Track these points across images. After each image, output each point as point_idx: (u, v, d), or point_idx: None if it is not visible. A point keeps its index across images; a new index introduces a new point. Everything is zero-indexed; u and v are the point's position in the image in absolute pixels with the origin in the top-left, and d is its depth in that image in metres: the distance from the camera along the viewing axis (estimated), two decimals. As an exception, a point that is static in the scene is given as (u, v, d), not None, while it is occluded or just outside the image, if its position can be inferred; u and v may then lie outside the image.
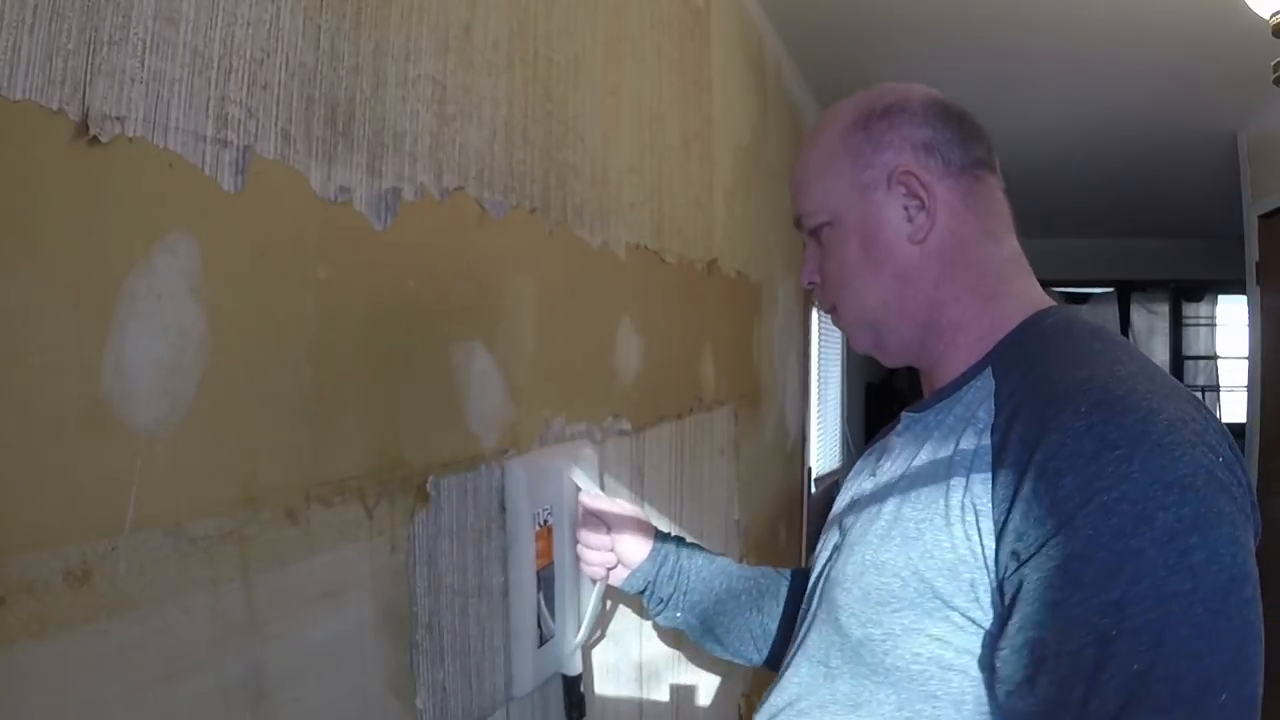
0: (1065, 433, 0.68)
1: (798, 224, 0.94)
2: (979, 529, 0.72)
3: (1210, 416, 0.73)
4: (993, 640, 0.71)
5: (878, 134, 0.87)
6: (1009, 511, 0.69)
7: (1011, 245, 0.89)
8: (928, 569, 0.74)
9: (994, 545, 0.71)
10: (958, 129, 0.87)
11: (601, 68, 1.32)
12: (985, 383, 0.79)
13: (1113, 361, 0.74)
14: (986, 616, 0.72)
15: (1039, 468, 0.68)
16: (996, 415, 0.75)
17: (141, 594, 0.57)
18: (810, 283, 0.95)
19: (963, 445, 0.76)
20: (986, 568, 0.71)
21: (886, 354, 0.92)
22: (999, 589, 0.71)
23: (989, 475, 0.72)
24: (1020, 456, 0.70)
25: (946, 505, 0.74)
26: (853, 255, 0.88)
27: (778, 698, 0.87)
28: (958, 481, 0.74)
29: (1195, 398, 0.75)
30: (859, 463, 0.98)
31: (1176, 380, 0.77)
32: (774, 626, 1.12)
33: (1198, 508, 0.65)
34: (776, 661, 1.06)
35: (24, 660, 0.50)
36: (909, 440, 0.84)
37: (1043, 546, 0.67)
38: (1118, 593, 0.64)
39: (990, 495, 0.71)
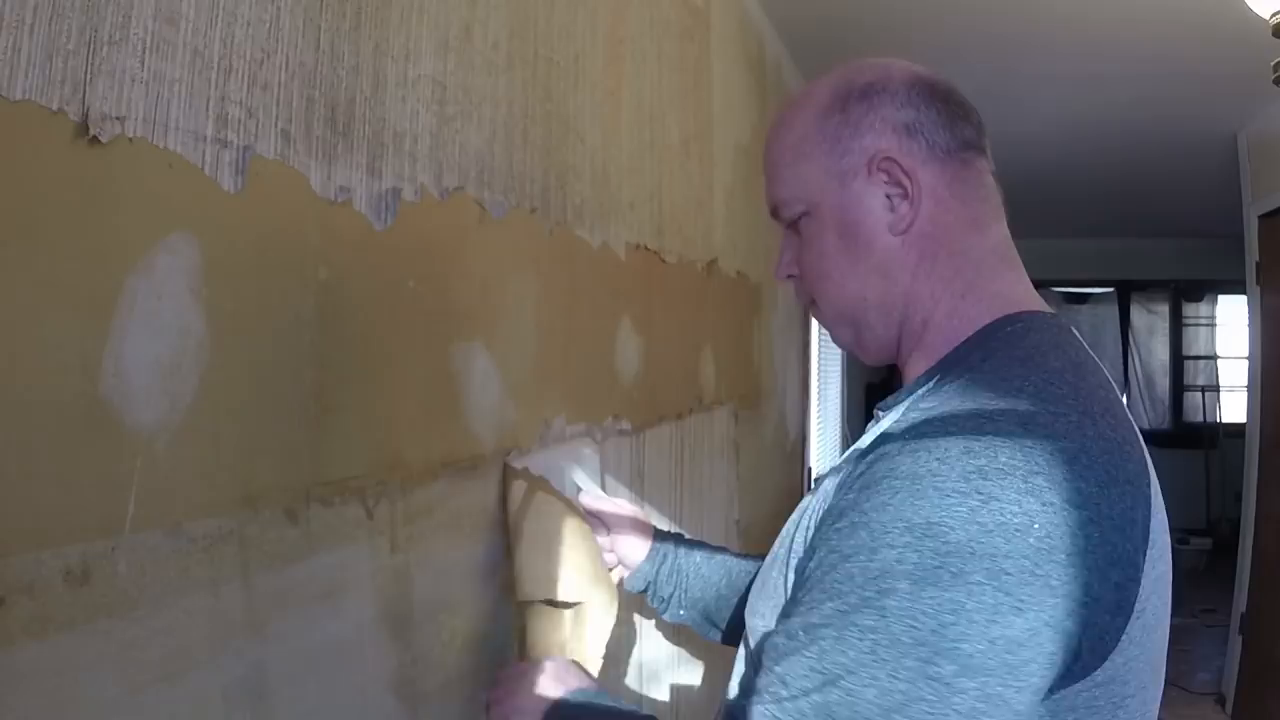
0: (881, 455, 0.67)
1: (774, 214, 0.88)
2: (809, 535, 0.72)
3: (1125, 497, 0.65)
4: None
5: (856, 116, 0.80)
6: (822, 522, 0.70)
7: (998, 233, 0.82)
8: (789, 569, 0.74)
9: (805, 553, 0.71)
10: (944, 108, 0.80)
11: (601, 68, 1.32)
12: (924, 391, 0.75)
13: (1015, 390, 0.68)
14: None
15: (848, 486, 0.68)
16: (889, 428, 0.72)
17: (141, 594, 0.57)
18: (788, 275, 0.88)
19: (859, 450, 0.74)
20: (795, 572, 0.73)
21: (865, 352, 0.86)
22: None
23: (838, 482, 0.72)
24: (853, 472, 0.69)
25: (813, 508, 0.74)
26: (830, 246, 0.82)
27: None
28: (829, 484, 0.74)
29: (1116, 456, 0.67)
30: None
31: (1105, 425, 0.68)
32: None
33: (927, 560, 0.60)
34: (732, 638, 1.07)
35: (24, 660, 0.50)
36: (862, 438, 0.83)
37: (813, 555, 0.69)
38: (814, 601, 0.65)
39: (825, 504, 0.72)
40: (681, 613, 1.14)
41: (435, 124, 0.90)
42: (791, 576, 0.73)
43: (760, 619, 0.77)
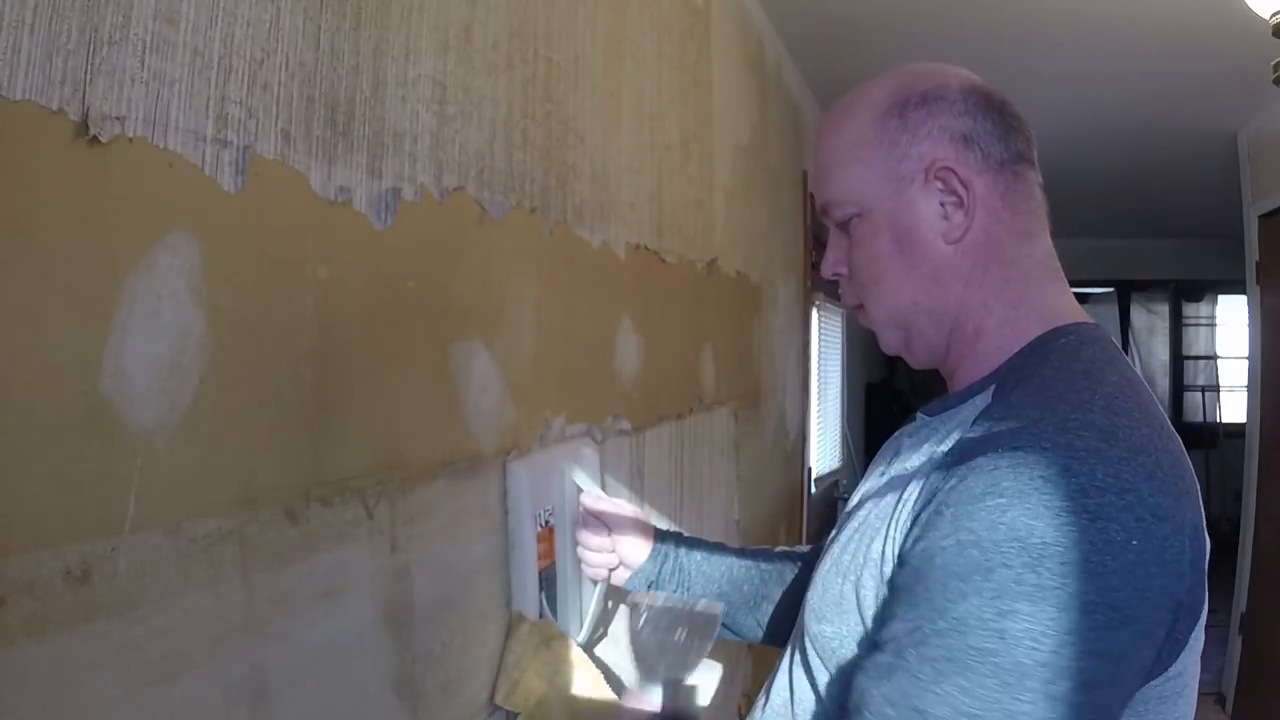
0: (973, 469, 0.67)
1: (824, 212, 0.88)
2: (896, 546, 0.72)
3: (1191, 506, 0.68)
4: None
5: (915, 123, 0.81)
6: (909, 534, 0.70)
7: (1044, 244, 0.84)
8: (865, 576, 0.74)
9: (894, 564, 0.71)
10: (999, 120, 0.81)
11: (601, 68, 1.32)
12: (984, 399, 0.77)
13: (1086, 404, 0.69)
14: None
15: (940, 499, 0.68)
16: (964, 437, 0.73)
17: (141, 594, 0.57)
18: (835, 274, 0.89)
19: (931, 459, 0.75)
20: (884, 583, 0.72)
21: (914, 356, 0.87)
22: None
23: (919, 494, 0.72)
24: (939, 484, 0.69)
25: (894, 517, 0.74)
26: (884, 251, 0.83)
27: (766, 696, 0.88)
28: (909, 493, 0.74)
29: (1179, 468, 0.70)
30: (876, 458, 0.97)
31: (1166, 437, 0.71)
32: (772, 609, 1.13)
33: (1046, 581, 0.61)
34: (775, 638, 1.09)
35: (24, 660, 0.50)
36: (914, 443, 0.84)
37: (905, 566, 0.69)
38: (923, 619, 0.65)
39: (911, 515, 0.72)
40: None
41: (435, 124, 0.90)
42: (872, 586, 0.73)
43: (829, 625, 0.77)
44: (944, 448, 0.74)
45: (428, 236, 0.89)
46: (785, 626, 1.00)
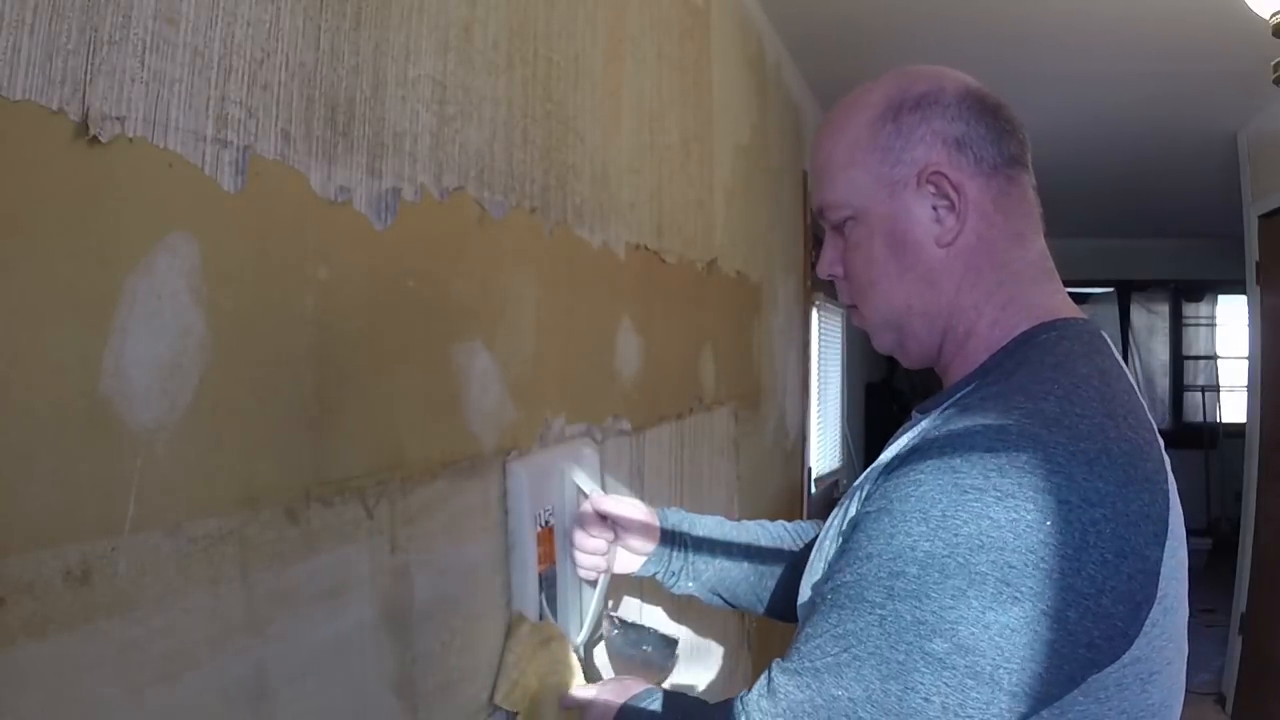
0: (914, 453, 0.72)
1: (820, 214, 0.90)
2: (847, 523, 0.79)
3: (1143, 494, 0.69)
4: None
5: (909, 127, 0.82)
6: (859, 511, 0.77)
7: (1038, 246, 0.85)
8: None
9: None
10: (992, 124, 0.82)
11: (601, 68, 1.32)
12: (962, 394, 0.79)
13: (1043, 394, 0.71)
14: None
15: (880, 479, 0.74)
16: (928, 427, 0.77)
17: (141, 594, 0.57)
18: (830, 275, 0.91)
19: (898, 450, 0.78)
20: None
21: (907, 356, 0.89)
22: None
23: (874, 479, 0.78)
24: (892, 470, 0.75)
25: (856, 500, 0.79)
26: (878, 254, 0.84)
27: None
28: (869, 479, 0.78)
29: (1135, 457, 0.70)
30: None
31: (1127, 427, 0.71)
32: (774, 583, 1.16)
33: (938, 549, 0.66)
34: (774, 611, 1.14)
35: (24, 660, 0.50)
36: (899, 437, 0.86)
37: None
38: (840, 573, 0.72)
39: (863, 497, 0.78)
40: (690, 584, 1.18)
41: (435, 124, 0.90)
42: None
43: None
44: (911, 438, 0.77)
45: (428, 236, 0.89)
46: (782, 600, 1.06)
